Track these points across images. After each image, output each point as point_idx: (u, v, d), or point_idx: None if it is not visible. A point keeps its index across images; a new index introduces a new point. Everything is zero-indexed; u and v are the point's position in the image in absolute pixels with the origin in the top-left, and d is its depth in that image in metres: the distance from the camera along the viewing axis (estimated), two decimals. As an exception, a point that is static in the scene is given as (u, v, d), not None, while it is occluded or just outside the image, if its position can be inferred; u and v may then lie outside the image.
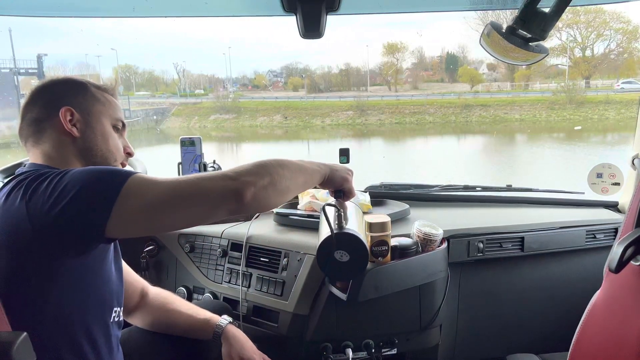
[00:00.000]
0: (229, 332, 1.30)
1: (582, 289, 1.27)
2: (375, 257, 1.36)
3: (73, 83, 1.12)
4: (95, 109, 1.10)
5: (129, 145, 1.18)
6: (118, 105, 1.16)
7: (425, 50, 25.38)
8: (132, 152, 1.18)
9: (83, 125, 1.07)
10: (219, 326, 1.30)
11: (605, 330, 1.08)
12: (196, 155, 2.05)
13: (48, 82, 1.12)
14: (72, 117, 1.06)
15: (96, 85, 1.14)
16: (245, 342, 1.32)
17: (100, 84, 1.15)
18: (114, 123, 1.13)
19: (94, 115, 1.09)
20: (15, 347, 0.64)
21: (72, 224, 0.84)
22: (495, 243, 1.67)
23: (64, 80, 1.13)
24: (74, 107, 1.07)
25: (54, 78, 1.14)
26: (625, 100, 16.29)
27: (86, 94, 1.10)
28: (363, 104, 20.09)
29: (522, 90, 20.87)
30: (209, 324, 1.31)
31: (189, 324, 1.32)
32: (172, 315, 1.33)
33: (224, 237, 1.70)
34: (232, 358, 1.29)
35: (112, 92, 1.17)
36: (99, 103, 1.11)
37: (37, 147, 1.06)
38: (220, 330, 1.30)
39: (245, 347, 1.30)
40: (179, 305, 1.36)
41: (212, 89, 23.69)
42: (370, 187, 2.08)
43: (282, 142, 18.16)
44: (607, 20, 19.46)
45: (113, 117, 1.13)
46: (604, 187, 1.95)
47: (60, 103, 1.06)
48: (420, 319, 1.54)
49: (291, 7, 1.22)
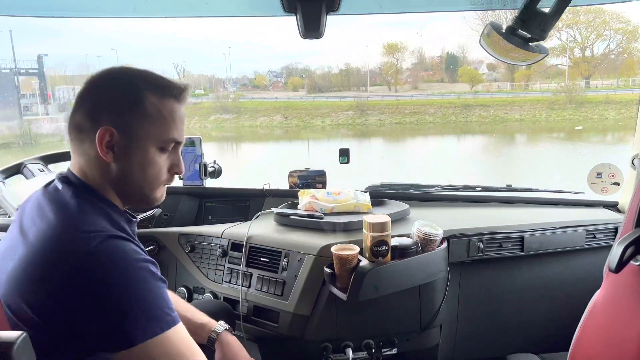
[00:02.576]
0: (223, 339, 1.29)
1: (582, 289, 1.27)
2: (375, 257, 1.36)
3: (128, 88, 0.95)
4: (142, 131, 0.94)
5: (178, 163, 1.02)
6: (177, 119, 0.99)
7: (425, 50, 25.36)
8: (180, 171, 1.03)
9: (121, 151, 0.93)
10: (214, 332, 1.29)
11: (605, 330, 1.08)
12: (196, 155, 2.05)
13: (101, 78, 0.97)
14: (111, 138, 0.92)
15: (161, 89, 0.96)
16: (239, 351, 1.30)
17: (169, 82, 0.98)
18: (163, 145, 0.98)
19: (138, 140, 0.94)
20: (16, 347, 0.64)
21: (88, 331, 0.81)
22: (495, 243, 1.67)
23: (119, 80, 0.97)
24: (116, 126, 0.92)
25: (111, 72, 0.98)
26: (625, 100, 16.28)
27: (138, 109, 0.94)
28: (363, 104, 20.07)
29: (522, 90, 20.86)
30: (204, 329, 1.30)
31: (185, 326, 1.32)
32: None
33: (224, 237, 1.70)
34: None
35: (181, 96, 1.00)
36: (149, 122, 0.95)
37: (76, 155, 0.97)
38: (214, 336, 1.28)
39: (238, 356, 1.28)
40: (178, 307, 1.36)
41: (212, 89, 23.67)
42: (370, 187, 2.09)
43: (282, 142, 18.16)
44: (607, 20, 19.45)
45: (163, 138, 0.97)
46: (603, 187, 1.95)
47: (102, 117, 0.92)
48: (420, 319, 1.54)
49: (291, 7, 1.22)
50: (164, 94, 0.97)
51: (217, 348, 1.28)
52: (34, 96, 19.40)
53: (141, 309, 0.83)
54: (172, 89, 0.97)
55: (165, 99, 0.97)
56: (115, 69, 0.98)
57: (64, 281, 0.81)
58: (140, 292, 0.84)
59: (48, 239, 0.85)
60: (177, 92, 0.98)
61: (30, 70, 19.13)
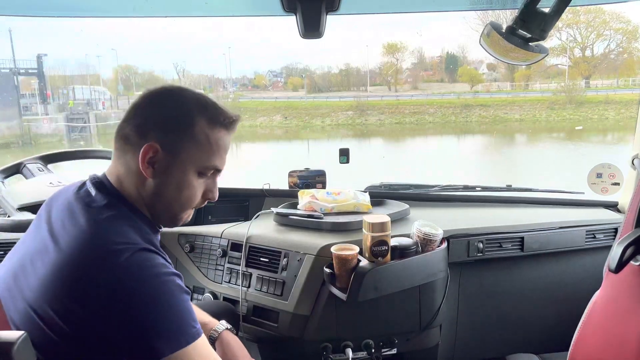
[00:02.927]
0: (223, 338, 1.29)
1: (582, 289, 1.27)
2: (375, 257, 1.36)
3: (181, 110, 0.96)
4: (185, 154, 0.95)
5: (213, 189, 1.03)
6: (222, 147, 1.00)
7: (425, 50, 25.38)
8: (213, 197, 1.04)
9: (162, 168, 0.94)
10: (214, 331, 1.30)
11: (605, 330, 1.08)
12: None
13: (157, 95, 0.99)
14: (155, 156, 0.93)
15: (213, 117, 0.97)
16: (239, 350, 1.30)
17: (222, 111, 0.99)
18: (203, 170, 0.98)
19: (180, 161, 0.95)
20: (16, 346, 0.64)
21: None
22: (495, 243, 1.67)
23: (173, 101, 0.98)
24: (162, 144, 0.93)
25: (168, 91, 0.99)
26: (625, 100, 16.29)
27: (186, 132, 0.95)
28: (363, 104, 20.09)
29: (522, 90, 20.88)
30: (204, 328, 1.29)
31: None
32: None
33: (224, 237, 1.70)
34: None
35: (231, 126, 1.01)
36: (195, 146, 0.96)
37: (117, 164, 0.97)
38: (215, 335, 1.29)
39: (238, 356, 1.29)
40: None
41: (212, 89, 23.69)
42: (370, 187, 2.08)
43: (282, 142, 18.17)
44: (607, 20, 19.46)
45: (205, 164, 0.98)
46: (603, 187, 1.95)
47: (150, 133, 0.93)
48: (420, 319, 1.54)
49: (291, 7, 1.22)
50: (215, 122, 0.98)
51: (218, 347, 1.28)
52: (34, 96, 19.40)
53: (169, 322, 0.85)
54: (223, 118, 0.99)
55: (215, 127, 0.98)
56: (174, 88, 1.00)
57: (93, 292, 0.82)
58: (168, 306, 0.85)
59: (79, 247, 0.86)
60: (228, 122, 1.00)
61: (30, 70, 19.12)
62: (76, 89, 21.36)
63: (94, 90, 21.38)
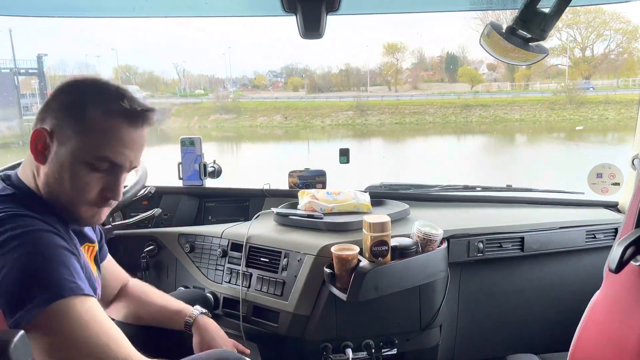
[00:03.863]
0: (199, 322, 1.30)
1: (582, 289, 1.27)
2: (375, 257, 1.36)
3: (76, 99, 0.95)
4: (75, 143, 0.92)
5: (113, 188, 0.97)
6: (119, 140, 0.94)
7: (425, 50, 25.35)
8: (113, 197, 0.98)
9: (53, 156, 0.93)
10: (190, 316, 1.30)
11: (605, 330, 1.08)
12: (196, 155, 2.05)
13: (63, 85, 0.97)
14: (44, 142, 0.92)
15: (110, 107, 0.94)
16: (216, 332, 1.31)
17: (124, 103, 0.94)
18: (92, 162, 0.93)
19: (70, 151, 0.92)
20: (13, 345, 0.64)
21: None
22: (495, 243, 1.67)
23: (71, 89, 0.96)
24: (53, 131, 0.92)
25: (72, 81, 0.97)
26: (625, 100, 16.28)
27: (77, 122, 0.92)
28: (363, 104, 20.07)
29: (522, 90, 20.86)
30: (180, 315, 1.31)
31: (162, 314, 1.32)
32: (147, 307, 1.33)
33: (224, 237, 1.70)
34: (202, 348, 1.28)
35: (133, 119, 0.95)
36: (86, 136, 0.92)
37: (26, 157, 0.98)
38: (191, 320, 1.30)
39: (215, 338, 1.29)
40: (154, 296, 1.36)
41: (212, 89, 23.67)
42: (370, 187, 2.08)
43: (282, 142, 18.16)
44: (607, 20, 19.45)
45: (93, 155, 0.93)
46: (603, 187, 1.95)
47: (45, 121, 0.93)
48: (420, 319, 1.54)
49: (291, 7, 1.22)
50: (113, 113, 0.94)
51: (195, 332, 1.29)
52: (34, 96, 19.40)
53: (39, 275, 0.83)
54: (122, 110, 0.94)
55: (112, 118, 0.94)
56: (79, 78, 0.98)
57: None
58: (38, 258, 0.84)
59: None
60: (130, 114, 0.95)
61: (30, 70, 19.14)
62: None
63: None
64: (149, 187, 1.80)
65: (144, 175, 1.73)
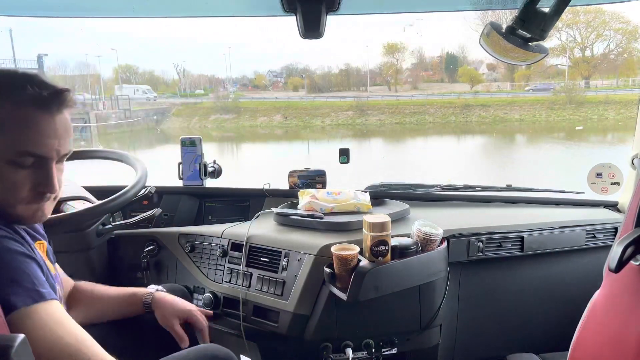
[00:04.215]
0: (157, 298, 1.29)
1: (582, 289, 1.27)
2: (375, 257, 1.36)
3: None
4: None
5: (45, 181, 0.91)
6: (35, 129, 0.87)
7: (425, 50, 25.40)
8: (49, 190, 0.92)
9: None
10: (147, 296, 1.30)
11: (605, 330, 1.08)
12: (196, 155, 2.05)
13: None
14: None
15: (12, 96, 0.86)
16: (175, 301, 1.31)
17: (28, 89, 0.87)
18: (14, 159, 0.87)
19: None
20: (14, 349, 0.64)
21: None
22: (495, 243, 1.67)
23: None
24: None
25: None
26: (625, 100, 16.30)
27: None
28: (363, 104, 20.10)
29: (522, 90, 20.88)
30: (136, 297, 1.30)
31: (118, 302, 1.31)
32: (102, 300, 1.31)
33: (224, 237, 1.70)
34: (169, 320, 1.28)
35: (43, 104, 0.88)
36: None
37: None
38: (149, 299, 1.29)
39: (176, 307, 1.29)
40: (103, 289, 1.35)
41: (212, 89, 23.71)
42: (370, 187, 2.08)
43: (282, 142, 18.18)
44: (606, 20, 19.47)
45: (15, 151, 0.87)
46: (603, 187, 1.95)
47: None
48: (420, 319, 1.54)
49: (291, 7, 1.22)
50: (21, 102, 0.86)
51: (156, 309, 1.29)
52: (34, 96, 19.37)
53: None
54: (30, 98, 0.86)
55: (21, 108, 0.86)
56: None
57: None
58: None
59: None
60: (39, 101, 0.87)
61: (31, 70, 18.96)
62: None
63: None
64: (149, 187, 1.80)
65: (144, 175, 1.73)
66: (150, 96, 21.78)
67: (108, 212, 1.67)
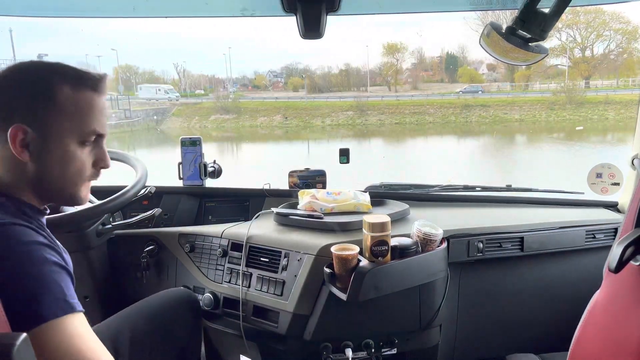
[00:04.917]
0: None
1: (582, 289, 1.27)
2: (375, 257, 1.36)
3: (38, 82, 0.90)
4: (58, 126, 0.90)
5: (103, 157, 0.99)
6: (97, 110, 0.95)
7: (425, 50, 25.42)
8: (106, 165, 1.00)
9: (37, 149, 0.89)
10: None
11: (605, 330, 1.08)
12: (196, 155, 2.05)
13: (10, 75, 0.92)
14: (25, 136, 0.88)
15: (75, 81, 0.92)
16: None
17: (84, 73, 0.94)
18: (84, 138, 0.94)
19: (55, 136, 0.90)
20: (16, 348, 0.64)
21: None
22: (495, 243, 1.67)
23: (28, 75, 0.91)
24: (29, 124, 0.88)
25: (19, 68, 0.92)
26: (625, 100, 16.30)
27: (50, 104, 0.89)
28: (363, 104, 20.10)
29: (521, 90, 20.89)
30: None
31: None
32: None
33: (224, 237, 1.70)
34: None
35: (98, 87, 0.96)
36: (65, 116, 0.91)
37: None
38: None
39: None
40: None
41: (212, 89, 23.72)
42: (370, 187, 2.09)
43: (282, 142, 18.18)
44: (606, 20, 19.48)
45: (83, 131, 0.93)
46: (603, 187, 1.95)
47: (15, 116, 0.88)
48: (420, 319, 1.55)
49: (291, 7, 1.22)
50: (79, 85, 0.93)
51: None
52: (34, 96, 19.33)
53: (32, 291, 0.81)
54: (87, 80, 0.94)
55: (80, 91, 0.93)
56: (24, 64, 0.94)
57: None
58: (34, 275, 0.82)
59: None
60: (93, 83, 0.95)
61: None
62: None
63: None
64: (149, 187, 1.80)
65: (144, 175, 1.73)
66: (172, 96, 21.35)
67: (108, 212, 1.67)
